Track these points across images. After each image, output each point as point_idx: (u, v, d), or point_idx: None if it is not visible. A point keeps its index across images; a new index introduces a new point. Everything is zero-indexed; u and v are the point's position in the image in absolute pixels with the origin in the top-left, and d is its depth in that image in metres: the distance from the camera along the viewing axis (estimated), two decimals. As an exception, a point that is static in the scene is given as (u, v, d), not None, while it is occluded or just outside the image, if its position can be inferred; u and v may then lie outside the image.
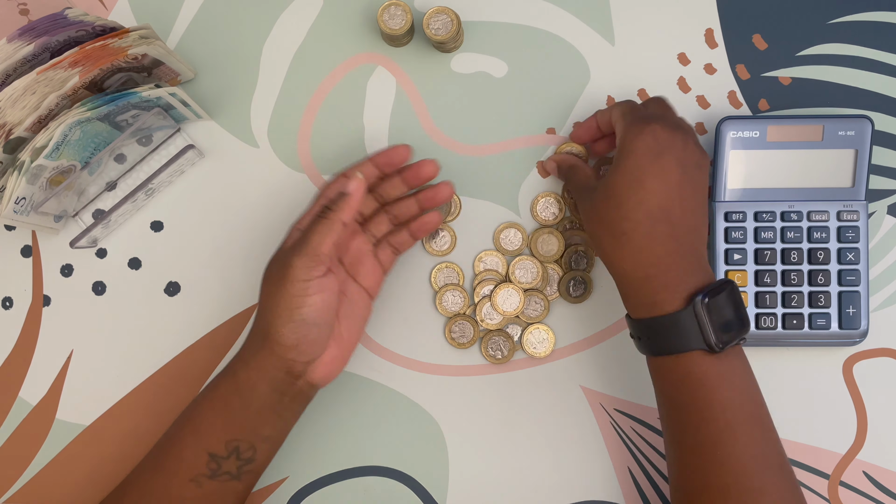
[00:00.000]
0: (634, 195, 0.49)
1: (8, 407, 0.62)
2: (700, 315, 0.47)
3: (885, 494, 0.59)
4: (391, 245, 0.57)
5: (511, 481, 0.61)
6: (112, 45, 0.54)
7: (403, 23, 0.59)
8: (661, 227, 0.49)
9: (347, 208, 0.51)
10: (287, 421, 0.53)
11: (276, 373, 0.51)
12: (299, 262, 0.49)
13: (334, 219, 0.50)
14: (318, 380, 0.53)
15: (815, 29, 0.62)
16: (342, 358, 0.54)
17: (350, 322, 0.54)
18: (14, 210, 0.55)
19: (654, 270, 0.49)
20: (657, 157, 0.49)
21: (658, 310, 0.49)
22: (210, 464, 0.50)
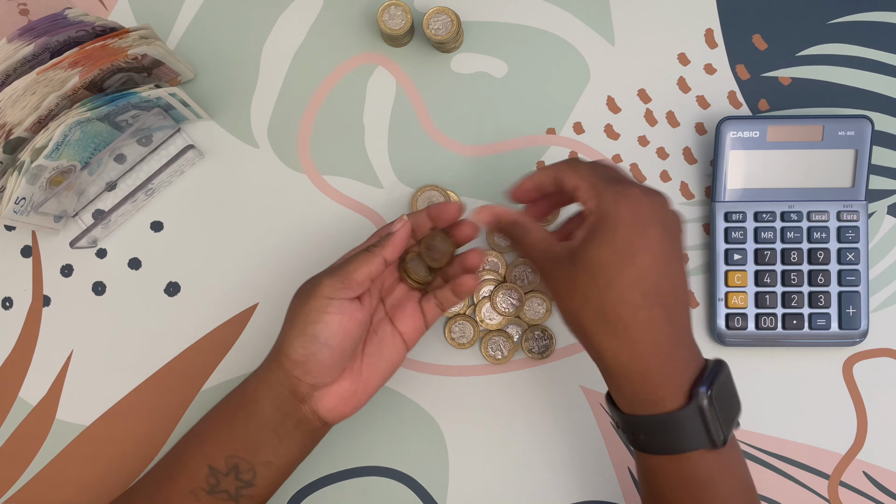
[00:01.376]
0: (627, 274, 0.43)
1: (8, 407, 0.62)
2: (705, 411, 0.43)
3: (885, 494, 0.59)
4: (437, 298, 0.54)
5: (511, 481, 0.61)
6: (112, 46, 0.54)
7: (403, 23, 0.59)
8: (658, 310, 0.43)
9: (390, 246, 0.50)
10: (289, 449, 0.50)
11: (280, 389, 0.49)
12: (329, 280, 0.48)
13: (375, 252, 0.50)
14: (325, 411, 0.50)
15: (815, 29, 0.62)
16: (355, 395, 0.51)
17: (375, 362, 0.52)
18: (14, 210, 0.55)
19: (653, 363, 0.44)
20: (645, 228, 0.44)
21: (658, 407, 0.44)
22: (209, 478, 0.50)
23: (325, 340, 0.48)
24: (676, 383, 0.44)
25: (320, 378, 0.49)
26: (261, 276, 0.62)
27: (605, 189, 0.45)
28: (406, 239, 0.51)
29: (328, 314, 0.48)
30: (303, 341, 0.48)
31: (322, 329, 0.48)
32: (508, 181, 0.62)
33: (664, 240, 0.44)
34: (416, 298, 0.54)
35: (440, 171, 0.62)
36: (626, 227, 0.44)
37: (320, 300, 0.48)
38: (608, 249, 0.44)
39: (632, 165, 0.62)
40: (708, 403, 0.43)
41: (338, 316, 0.48)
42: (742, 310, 0.59)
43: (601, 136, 0.62)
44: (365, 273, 0.49)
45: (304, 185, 0.62)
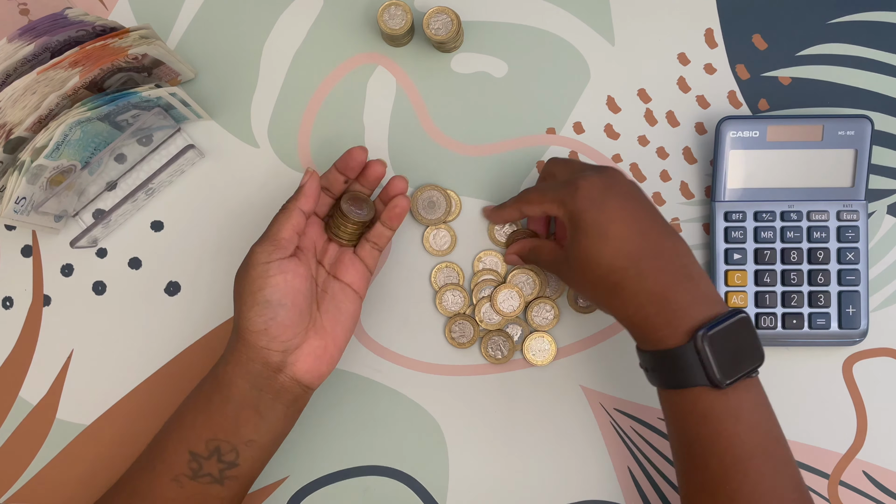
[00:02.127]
0: (606, 248, 0.49)
1: (8, 407, 0.62)
2: (702, 351, 0.46)
3: (885, 494, 0.59)
4: (369, 241, 0.57)
5: (511, 481, 0.61)
6: (112, 45, 0.54)
7: (403, 23, 0.59)
8: (645, 263, 0.48)
9: (302, 197, 0.52)
10: (271, 423, 0.51)
11: (252, 365, 0.50)
12: (260, 247, 0.51)
13: (290, 207, 0.52)
14: (303, 374, 0.52)
15: (815, 29, 0.62)
16: (326, 351, 0.53)
17: (335, 316, 0.54)
18: (14, 210, 0.55)
19: (653, 309, 0.48)
20: (602, 205, 0.49)
21: (661, 344, 0.48)
22: (191, 463, 0.50)
23: (278, 301, 0.50)
24: (676, 324, 0.47)
25: (286, 341, 0.51)
26: (261, 276, 0.62)
27: (562, 194, 0.51)
28: (316, 188, 0.53)
29: (271, 276, 0.50)
30: (257, 310, 0.50)
31: (271, 292, 0.50)
32: (508, 181, 0.62)
33: (625, 205, 0.49)
34: (351, 250, 0.56)
35: (440, 170, 0.62)
36: (588, 213, 0.49)
37: (258, 267, 0.50)
38: (584, 240, 0.50)
39: (632, 165, 0.62)
40: (707, 344, 0.46)
41: (281, 276, 0.50)
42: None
43: (601, 136, 0.62)
44: (288, 229, 0.51)
45: (304, 184, 0.62)
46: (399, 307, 0.62)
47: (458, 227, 0.62)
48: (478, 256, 0.61)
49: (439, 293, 0.61)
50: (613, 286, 0.49)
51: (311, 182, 0.53)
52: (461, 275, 0.61)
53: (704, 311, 0.47)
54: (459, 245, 0.62)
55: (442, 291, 0.61)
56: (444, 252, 0.62)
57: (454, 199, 0.62)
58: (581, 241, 0.50)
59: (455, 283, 0.61)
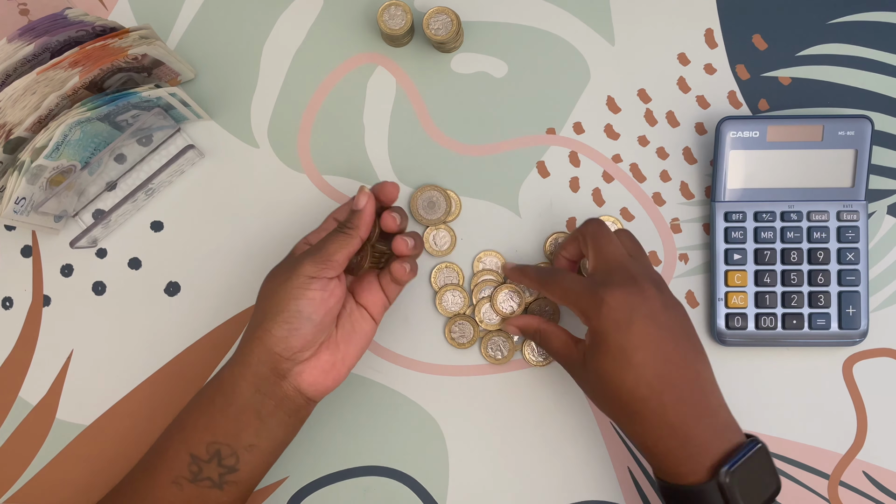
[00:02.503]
0: (629, 375, 0.47)
1: (8, 407, 0.62)
2: (726, 489, 0.45)
3: (885, 494, 0.59)
4: (391, 274, 0.55)
5: (511, 481, 0.61)
6: (112, 46, 0.54)
7: (403, 23, 0.59)
8: (668, 395, 0.47)
9: (363, 224, 0.52)
10: (272, 430, 0.51)
11: (259, 368, 0.50)
12: (310, 261, 0.50)
13: (352, 234, 0.51)
14: (307, 386, 0.51)
15: (815, 29, 0.62)
16: (335, 368, 0.52)
17: (349, 335, 0.53)
18: (14, 210, 0.55)
19: (674, 442, 0.47)
20: (629, 327, 0.48)
21: (682, 479, 0.47)
22: (191, 466, 0.50)
23: (308, 315, 0.49)
24: (697, 460, 0.47)
25: (300, 352, 0.50)
26: (261, 277, 0.62)
27: (585, 305, 0.50)
28: (372, 215, 0.52)
29: (311, 290, 0.49)
30: (286, 317, 0.49)
31: (305, 305, 0.49)
32: (508, 181, 0.62)
33: (651, 330, 0.48)
34: (375, 275, 0.56)
35: (440, 171, 0.62)
36: (611, 334, 0.48)
37: (302, 278, 0.50)
38: (607, 360, 0.48)
39: (632, 165, 0.62)
40: (730, 481, 0.45)
41: (320, 292, 0.50)
42: (742, 309, 0.59)
43: (601, 136, 0.62)
44: (345, 255, 0.51)
45: (304, 185, 0.62)
46: (399, 307, 0.62)
47: (458, 228, 0.62)
48: (478, 257, 0.61)
49: (439, 293, 0.61)
50: (633, 413, 0.48)
51: (369, 207, 0.52)
52: (461, 275, 0.61)
53: (725, 444, 0.47)
54: (459, 245, 0.62)
55: (442, 292, 0.61)
56: (444, 252, 0.62)
57: (454, 200, 0.62)
58: (602, 360, 0.48)
59: (455, 283, 0.61)
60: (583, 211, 0.62)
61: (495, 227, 0.62)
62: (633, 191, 0.62)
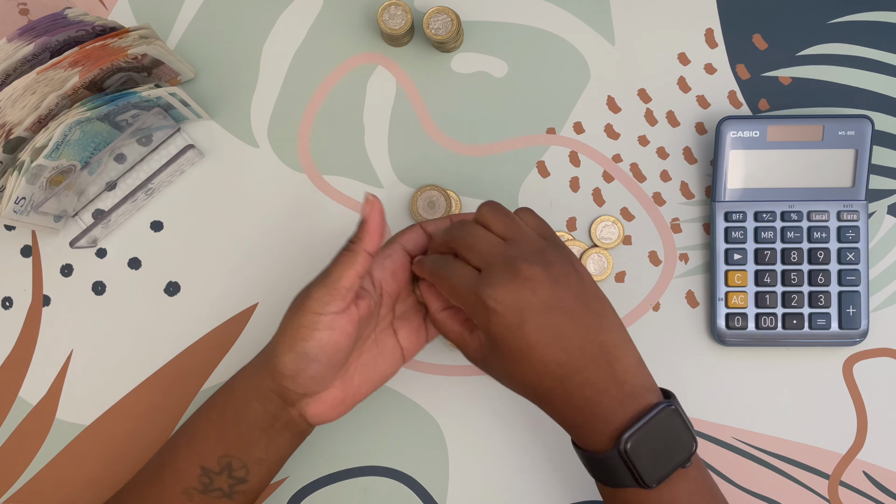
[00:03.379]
0: (531, 372, 0.46)
1: (8, 407, 0.62)
2: (626, 456, 0.45)
3: (885, 494, 0.59)
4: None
5: (511, 481, 0.61)
6: (112, 45, 0.54)
7: (403, 23, 0.59)
8: (572, 379, 0.46)
9: (367, 236, 0.48)
10: (279, 448, 0.51)
11: (269, 393, 0.49)
12: (317, 293, 0.47)
13: (356, 250, 0.48)
14: (312, 416, 0.50)
15: (815, 29, 0.62)
16: (343, 403, 0.51)
17: (369, 372, 0.51)
18: (14, 210, 0.55)
19: (580, 420, 0.47)
20: (521, 329, 0.45)
21: (591, 448, 0.47)
22: (202, 478, 0.50)
23: (315, 357, 0.47)
24: (602, 431, 0.46)
25: (311, 389, 0.49)
26: (261, 276, 0.62)
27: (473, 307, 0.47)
28: (380, 224, 0.48)
29: (318, 331, 0.47)
30: (292, 357, 0.47)
31: (311, 346, 0.47)
32: (508, 181, 0.62)
33: (545, 323, 0.45)
34: (424, 312, 0.53)
35: (440, 171, 0.62)
36: (504, 340, 0.46)
37: (309, 316, 0.47)
38: (506, 361, 0.47)
39: (632, 165, 0.62)
40: (631, 448, 0.45)
41: (328, 332, 0.47)
42: (742, 309, 0.59)
43: (601, 136, 0.62)
44: (351, 277, 0.47)
45: (304, 185, 0.62)
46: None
47: (458, 227, 0.62)
48: (478, 256, 0.61)
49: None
50: (540, 399, 0.48)
51: (374, 215, 0.48)
52: (461, 275, 0.61)
53: (630, 411, 0.46)
54: (459, 245, 0.62)
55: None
56: (444, 252, 0.61)
57: (454, 199, 0.62)
58: (501, 361, 0.47)
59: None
60: (583, 211, 0.62)
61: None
62: (633, 191, 0.62)
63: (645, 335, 0.61)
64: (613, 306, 0.49)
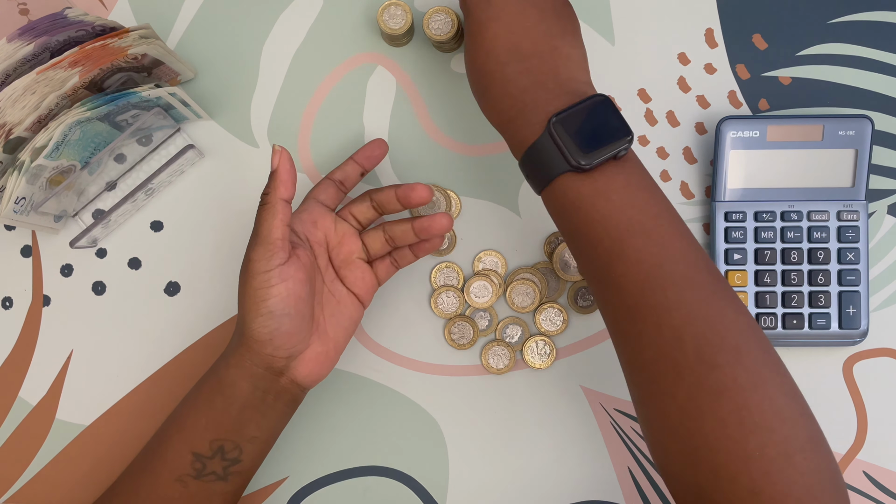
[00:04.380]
0: (480, 48, 0.48)
1: (8, 407, 0.62)
2: (555, 135, 0.44)
3: (885, 494, 0.59)
4: (391, 256, 0.56)
5: (511, 481, 0.61)
6: (112, 45, 0.54)
7: (403, 23, 0.59)
8: (513, 66, 0.47)
9: (280, 184, 0.49)
10: (273, 421, 0.52)
11: (255, 369, 0.50)
12: (254, 254, 0.49)
13: (271, 200, 0.49)
14: (303, 378, 0.52)
15: (815, 29, 0.62)
16: (327, 357, 0.53)
17: (337, 321, 0.53)
18: (14, 210, 0.55)
19: (514, 112, 0.47)
20: (488, 3, 0.48)
21: (524, 144, 0.47)
22: (195, 463, 0.50)
23: (282, 311, 0.49)
24: (533, 120, 0.46)
25: (292, 348, 0.50)
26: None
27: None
28: (290, 171, 0.49)
29: (272, 286, 0.48)
30: (261, 321, 0.49)
31: (274, 303, 0.49)
32: (508, 181, 0.62)
33: (508, 5, 0.48)
34: (358, 253, 0.55)
35: (440, 171, 0.62)
36: (475, 11, 0.49)
37: (258, 277, 0.48)
38: (468, 39, 0.49)
39: (632, 165, 0.62)
40: (559, 127, 0.45)
41: (283, 284, 0.49)
42: (742, 310, 0.59)
43: (601, 136, 0.62)
44: (278, 226, 0.49)
45: (304, 185, 0.62)
46: (399, 307, 0.62)
47: (457, 228, 0.62)
48: (478, 256, 0.61)
49: (435, 294, 0.61)
50: (483, 89, 0.48)
51: (284, 163, 0.49)
52: (461, 275, 0.61)
53: (565, 101, 0.46)
54: (459, 245, 0.62)
55: (437, 293, 0.61)
56: (443, 252, 0.61)
57: (454, 199, 0.62)
58: (468, 38, 0.49)
59: (451, 284, 0.61)
60: (583, 211, 0.62)
61: (495, 227, 0.62)
62: (633, 191, 0.62)
63: (645, 335, 0.61)
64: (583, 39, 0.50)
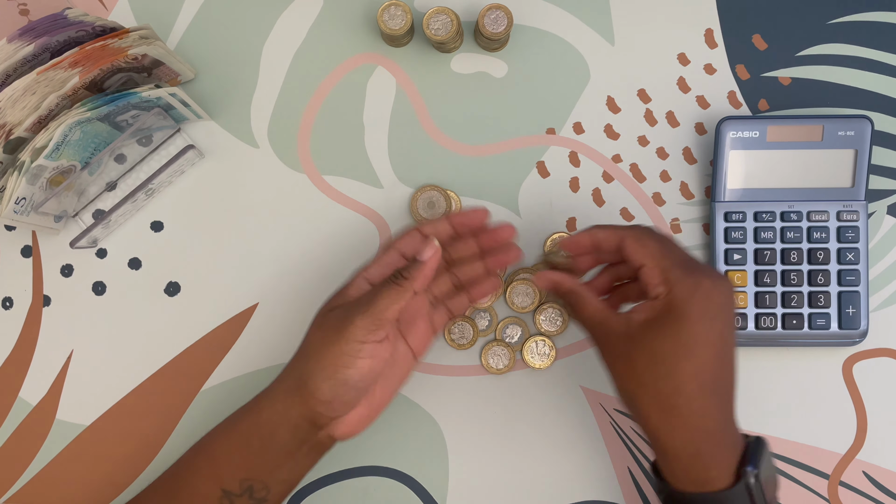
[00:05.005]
0: (688, 366, 0.44)
1: (8, 407, 0.62)
2: (752, 490, 0.44)
3: (885, 494, 0.59)
4: (447, 307, 0.54)
5: (511, 481, 0.61)
6: (112, 46, 0.54)
7: (403, 23, 0.59)
8: (713, 399, 0.45)
9: (421, 278, 0.48)
10: (304, 467, 0.51)
11: (299, 420, 0.49)
12: (361, 322, 0.47)
13: (406, 287, 0.48)
14: (341, 436, 0.51)
15: (815, 29, 0.62)
16: (369, 418, 0.51)
17: (387, 383, 0.51)
18: (14, 210, 0.55)
19: (705, 447, 0.45)
20: (712, 322, 0.44)
21: (708, 486, 0.45)
22: (223, 500, 0.50)
23: (355, 385, 0.48)
24: (726, 464, 0.45)
25: (343, 413, 0.49)
26: (261, 276, 0.62)
27: (679, 279, 0.45)
28: (435, 269, 0.49)
29: (360, 359, 0.47)
30: (332, 385, 0.48)
31: (353, 374, 0.47)
32: (508, 181, 0.62)
33: (725, 332, 0.45)
34: (428, 313, 0.53)
35: (440, 171, 0.62)
36: (694, 321, 0.44)
37: (352, 344, 0.47)
38: (672, 341, 0.44)
39: (632, 165, 0.62)
40: (755, 482, 0.44)
41: (369, 360, 0.47)
42: (742, 310, 0.59)
43: (601, 136, 0.62)
44: (396, 311, 0.48)
45: (304, 185, 0.62)
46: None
47: (458, 228, 0.62)
48: (478, 256, 0.61)
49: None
50: (671, 408, 0.45)
51: (434, 262, 0.49)
52: (461, 275, 0.61)
53: (740, 445, 0.46)
54: (459, 245, 0.62)
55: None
56: (444, 252, 0.61)
57: (454, 200, 0.62)
58: (664, 339, 0.44)
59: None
60: (583, 211, 0.62)
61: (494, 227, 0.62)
62: (633, 191, 0.62)
63: (645, 335, 0.61)
64: None
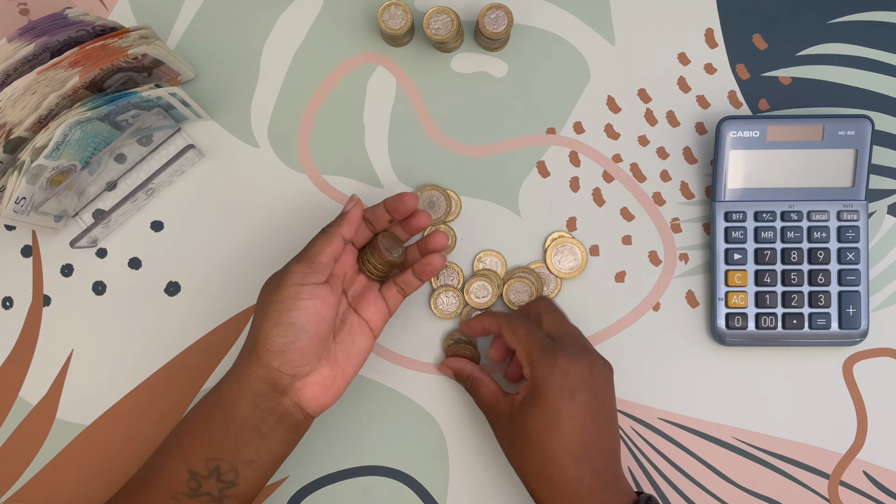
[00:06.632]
0: (555, 439, 0.49)
1: (8, 407, 0.62)
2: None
3: (885, 494, 0.59)
4: (397, 285, 0.56)
5: (511, 481, 0.61)
6: (112, 45, 0.54)
7: (403, 23, 0.59)
8: (585, 466, 0.49)
9: (346, 223, 0.52)
10: (272, 445, 0.51)
11: (259, 385, 0.50)
12: (297, 267, 0.50)
13: (333, 231, 0.52)
14: (307, 402, 0.51)
15: (815, 29, 0.62)
16: (334, 383, 0.52)
17: (348, 349, 0.53)
18: (14, 210, 0.55)
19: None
20: (571, 396, 0.50)
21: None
22: (190, 482, 0.50)
23: (303, 326, 0.49)
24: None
25: (300, 366, 0.50)
26: (261, 276, 0.62)
27: (538, 360, 0.51)
28: (359, 217, 0.53)
29: (302, 300, 0.49)
30: (280, 330, 0.49)
31: (298, 315, 0.49)
32: (508, 181, 0.62)
33: (590, 403, 0.50)
34: (377, 288, 0.56)
35: (440, 171, 0.62)
36: (554, 396, 0.50)
37: (292, 287, 0.50)
38: (539, 417, 0.50)
39: (632, 165, 0.62)
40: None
41: (311, 301, 0.50)
42: (742, 309, 0.59)
43: (601, 136, 0.62)
44: (328, 253, 0.51)
45: (304, 185, 0.62)
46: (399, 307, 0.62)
47: (458, 228, 0.62)
48: (478, 256, 0.61)
49: (434, 295, 0.61)
50: (548, 479, 0.49)
51: (356, 210, 0.53)
52: (461, 275, 0.61)
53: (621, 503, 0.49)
54: (459, 245, 0.62)
55: (437, 293, 0.61)
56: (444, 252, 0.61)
57: (454, 199, 0.62)
58: (533, 417, 0.50)
59: (452, 284, 0.61)
60: (583, 211, 0.62)
61: (495, 227, 0.62)
62: (633, 191, 0.62)
63: (645, 335, 0.61)
64: None
